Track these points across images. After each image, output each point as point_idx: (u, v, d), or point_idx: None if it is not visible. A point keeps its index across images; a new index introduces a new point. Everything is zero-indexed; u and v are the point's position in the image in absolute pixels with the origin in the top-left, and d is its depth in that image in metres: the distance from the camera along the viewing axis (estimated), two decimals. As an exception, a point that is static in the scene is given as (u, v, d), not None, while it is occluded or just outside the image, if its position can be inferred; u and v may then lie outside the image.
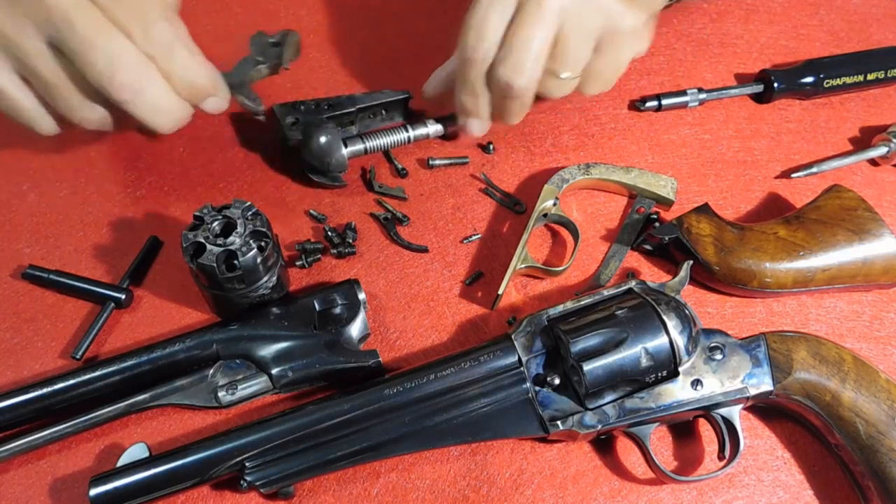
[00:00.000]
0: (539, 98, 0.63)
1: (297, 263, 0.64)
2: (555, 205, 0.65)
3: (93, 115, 0.56)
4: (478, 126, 0.66)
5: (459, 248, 0.66)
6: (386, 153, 0.71)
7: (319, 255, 0.65)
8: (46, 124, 0.57)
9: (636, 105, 0.74)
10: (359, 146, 0.68)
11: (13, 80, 0.54)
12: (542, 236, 0.67)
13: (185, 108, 0.57)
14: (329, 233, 0.65)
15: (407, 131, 0.69)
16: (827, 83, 0.73)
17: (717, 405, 0.54)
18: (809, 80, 0.73)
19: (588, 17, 0.58)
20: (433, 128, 0.69)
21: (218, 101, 0.59)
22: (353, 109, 0.68)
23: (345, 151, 0.66)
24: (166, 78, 0.55)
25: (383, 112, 0.71)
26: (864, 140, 0.72)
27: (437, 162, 0.70)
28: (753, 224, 0.63)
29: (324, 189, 0.69)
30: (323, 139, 0.65)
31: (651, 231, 0.64)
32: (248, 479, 0.52)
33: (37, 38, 0.51)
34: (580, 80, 0.62)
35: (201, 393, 0.57)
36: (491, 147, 0.71)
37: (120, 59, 0.52)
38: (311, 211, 0.68)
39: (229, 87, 0.61)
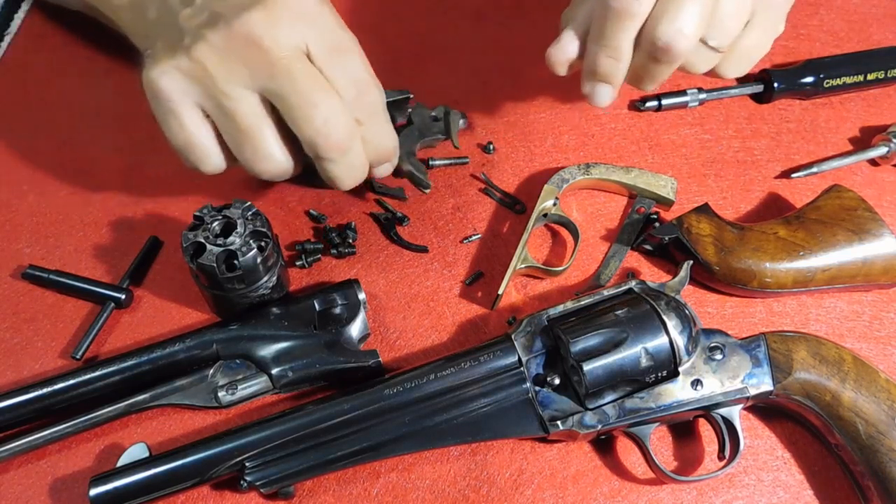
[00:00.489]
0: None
1: (297, 263, 0.64)
2: (555, 205, 0.65)
3: (276, 169, 0.55)
4: (608, 94, 0.56)
5: (459, 248, 0.66)
6: (400, 169, 0.69)
7: (319, 255, 0.65)
8: (214, 164, 0.56)
9: (636, 105, 0.74)
10: (414, 158, 0.66)
11: (198, 115, 0.53)
12: (542, 236, 0.67)
13: (367, 169, 0.58)
14: (329, 233, 0.65)
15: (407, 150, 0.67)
16: (827, 83, 0.73)
17: (717, 405, 0.54)
18: (809, 80, 0.73)
19: None
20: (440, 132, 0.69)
21: (390, 167, 0.61)
22: None
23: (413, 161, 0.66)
24: (363, 142, 0.55)
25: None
26: (864, 140, 0.72)
27: (438, 162, 0.70)
28: (753, 224, 0.63)
29: (324, 189, 0.69)
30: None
31: (651, 231, 0.64)
32: (248, 479, 0.52)
33: (248, 86, 0.51)
34: (722, 58, 0.56)
35: (201, 393, 0.57)
36: (491, 147, 0.71)
37: (337, 118, 0.52)
38: (311, 211, 0.68)
39: (402, 159, 0.64)
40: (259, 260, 0.55)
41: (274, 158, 0.54)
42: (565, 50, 0.56)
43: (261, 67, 0.50)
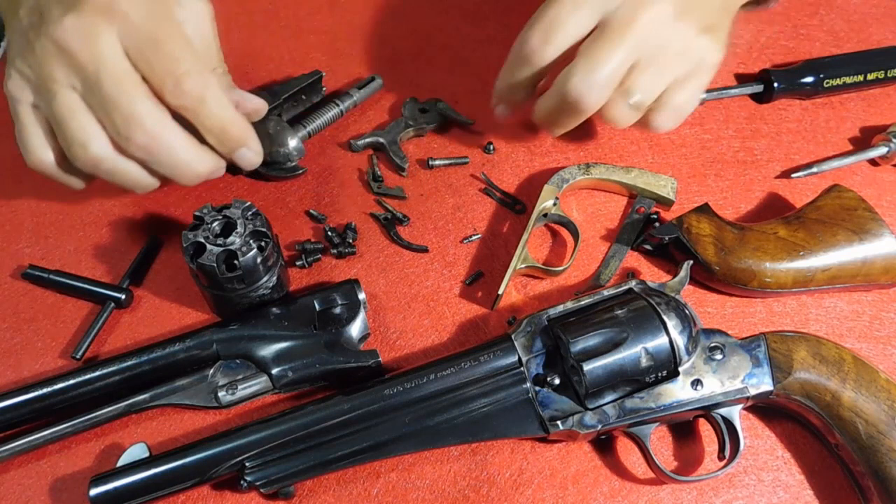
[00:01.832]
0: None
1: (297, 263, 0.64)
2: (555, 205, 0.65)
3: (87, 157, 0.56)
4: (506, 112, 0.65)
5: (459, 248, 0.66)
6: (385, 151, 0.70)
7: (319, 255, 0.65)
8: (40, 158, 0.57)
9: (636, 105, 0.74)
10: (302, 131, 0.70)
11: (32, 115, 0.55)
12: (542, 236, 0.67)
13: (210, 162, 0.58)
14: (329, 233, 0.65)
15: (337, 105, 0.72)
16: (827, 83, 0.73)
17: (717, 405, 0.54)
18: (809, 80, 0.73)
19: (672, 51, 0.55)
20: (358, 94, 0.72)
21: (251, 153, 0.60)
22: (279, 101, 0.69)
23: (297, 137, 0.68)
24: (199, 129, 0.56)
25: (303, 97, 0.72)
26: (864, 140, 0.72)
27: (437, 162, 0.70)
28: (753, 224, 0.63)
29: (323, 188, 0.69)
30: (272, 130, 0.67)
31: (651, 231, 0.64)
32: (248, 479, 0.52)
33: (66, 86, 0.53)
34: (649, 114, 0.58)
35: (201, 393, 0.57)
36: (491, 147, 0.71)
37: (140, 118, 0.53)
38: (311, 211, 0.68)
39: (385, 144, 0.69)
40: (259, 260, 0.55)
41: (86, 146, 0.54)
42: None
43: (73, 70, 0.52)
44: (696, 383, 0.54)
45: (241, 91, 0.61)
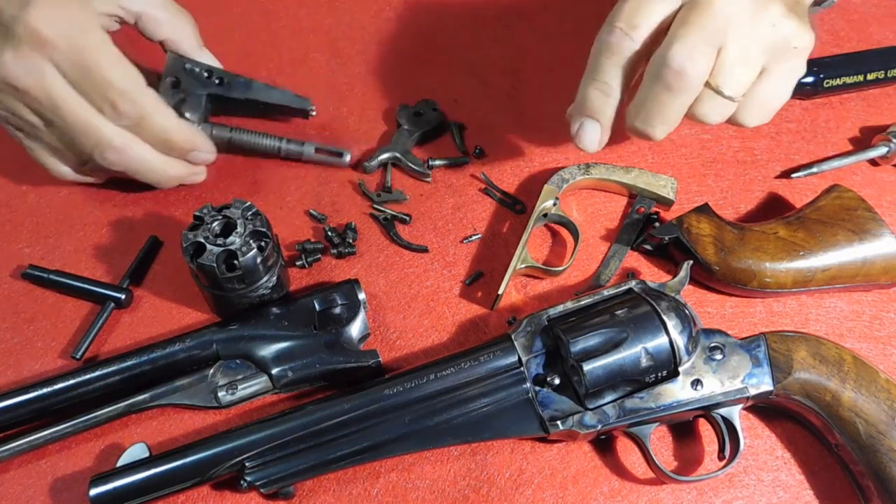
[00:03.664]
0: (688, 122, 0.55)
1: (297, 263, 0.64)
2: (555, 205, 0.65)
3: (53, 172, 0.64)
4: (593, 133, 0.55)
5: (459, 248, 0.66)
6: (400, 164, 0.70)
7: (319, 255, 0.65)
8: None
9: (636, 105, 0.74)
10: (224, 133, 0.68)
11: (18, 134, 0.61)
12: (542, 236, 0.67)
13: (176, 167, 0.63)
14: (329, 233, 0.65)
15: (279, 142, 0.68)
16: (827, 83, 0.73)
17: (717, 405, 0.54)
18: (809, 80, 0.73)
19: (761, 31, 0.51)
20: (308, 148, 0.68)
21: (201, 154, 0.64)
22: (241, 98, 0.67)
23: (208, 130, 0.66)
24: (147, 142, 0.60)
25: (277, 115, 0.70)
26: (864, 140, 0.72)
27: (437, 162, 0.70)
28: (753, 224, 0.63)
29: (323, 188, 0.69)
30: (187, 114, 0.65)
31: (651, 231, 0.64)
32: (248, 479, 0.52)
33: (18, 106, 0.58)
34: (739, 107, 0.54)
35: (201, 393, 0.57)
36: (478, 150, 0.71)
37: (74, 137, 0.58)
38: (311, 211, 0.68)
39: (400, 157, 0.69)
40: (259, 260, 0.55)
41: (46, 166, 0.63)
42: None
43: (31, 104, 0.57)
44: (696, 383, 0.54)
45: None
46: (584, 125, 0.55)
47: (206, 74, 0.66)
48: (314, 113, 0.69)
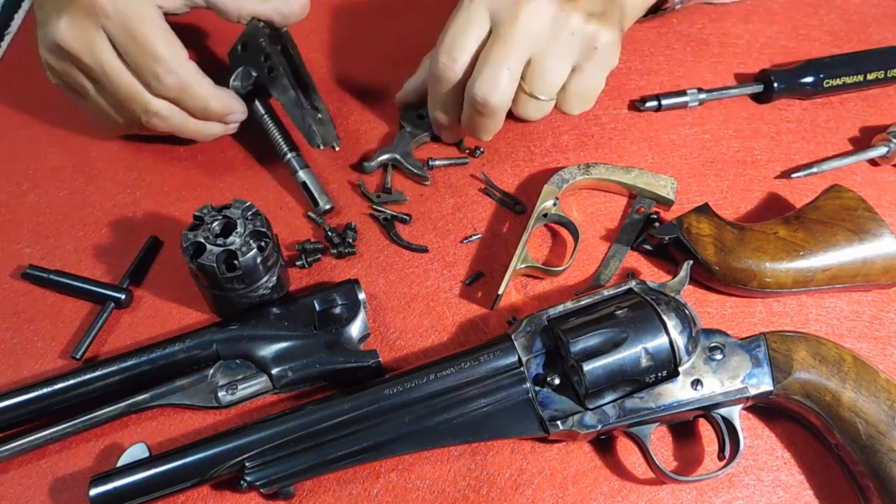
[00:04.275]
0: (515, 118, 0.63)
1: (297, 263, 0.64)
2: (555, 205, 0.65)
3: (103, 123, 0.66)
4: (449, 137, 0.70)
5: (459, 248, 0.66)
6: (401, 166, 0.70)
7: (319, 255, 0.65)
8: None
9: (636, 105, 0.74)
10: (258, 110, 0.69)
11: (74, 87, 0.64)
12: (542, 236, 0.67)
13: (214, 127, 0.67)
14: (329, 233, 0.65)
15: (288, 151, 0.68)
16: (827, 83, 0.73)
17: (717, 405, 0.54)
18: (809, 80, 0.73)
19: (563, 39, 0.58)
20: (301, 175, 0.67)
21: (237, 115, 0.67)
22: (273, 95, 0.66)
23: (235, 87, 0.67)
24: (187, 112, 0.64)
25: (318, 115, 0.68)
26: (864, 140, 0.72)
27: (437, 162, 0.70)
28: (753, 224, 0.63)
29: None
30: (235, 81, 0.67)
31: (651, 231, 0.64)
32: (248, 479, 0.52)
33: (83, 80, 0.62)
34: (559, 101, 0.62)
35: (201, 393, 0.57)
36: (478, 151, 0.71)
37: (127, 103, 0.62)
38: (310, 213, 0.67)
39: (400, 159, 0.69)
40: (259, 260, 0.55)
41: (97, 124, 0.67)
42: (400, 96, 0.72)
43: (83, 69, 0.61)
44: (696, 383, 0.54)
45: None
46: (440, 132, 0.70)
47: (263, 58, 0.65)
48: (321, 147, 0.66)
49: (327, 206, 0.67)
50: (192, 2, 0.65)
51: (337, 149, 0.67)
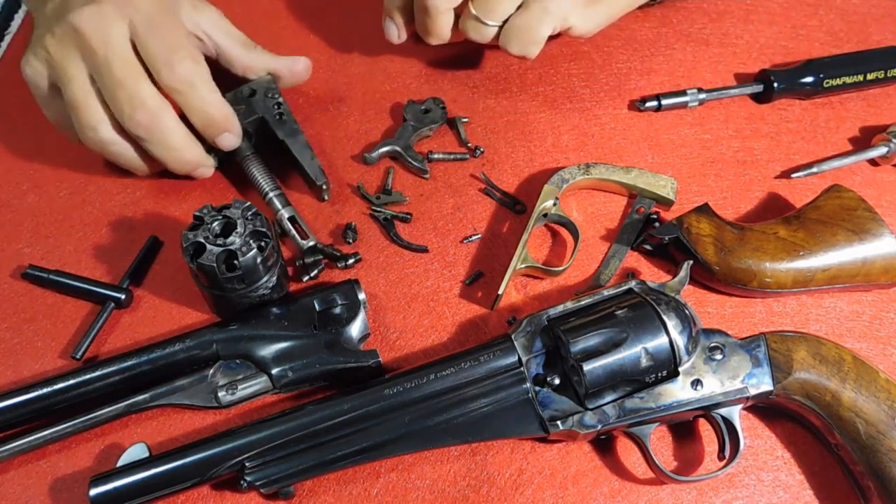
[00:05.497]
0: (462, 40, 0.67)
1: (304, 279, 0.63)
2: (555, 205, 0.65)
3: (96, 139, 0.62)
4: (393, 30, 0.71)
5: (459, 248, 0.66)
6: (401, 158, 0.70)
7: (323, 266, 0.64)
8: (68, 134, 0.65)
9: (636, 105, 0.74)
10: (243, 149, 0.67)
11: (52, 94, 0.62)
12: (542, 236, 0.67)
13: (197, 152, 0.64)
14: (328, 250, 0.64)
15: (270, 190, 0.66)
16: (827, 83, 0.73)
17: (717, 405, 0.54)
18: (809, 80, 0.73)
19: None
20: (284, 210, 0.65)
21: (232, 137, 0.65)
22: (279, 137, 0.67)
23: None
24: (187, 111, 0.62)
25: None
26: (864, 140, 0.72)
27: (437, 156, 0.70)
28: (753, 224, 0.63)
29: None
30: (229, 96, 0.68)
31: (651, 231, 0.64)
32: (248, 479, 0.52)
33: (80, 68, 0.59)
34: (501, 36, 0.65)
35: (201, 393, 0.57)
36: (478, 151, 0.71)
37: (140, 98, 0.59)
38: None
39: (401, 152, 0.69)
40: (259, 260, 0.55)
41: (96, 130, 0.61)
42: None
43: (86, 53, 0.59)
44: (696, 383, 0.54)
45: (285, 57, 0.71)
46: (386, 24, 0.71)
47: (275, 106, 0.68)
48: (326, 198, 0.68)
49: (310, 243, 0.65)
50: (204, 49, 0.66)
51: (327, 199, 0.68)
